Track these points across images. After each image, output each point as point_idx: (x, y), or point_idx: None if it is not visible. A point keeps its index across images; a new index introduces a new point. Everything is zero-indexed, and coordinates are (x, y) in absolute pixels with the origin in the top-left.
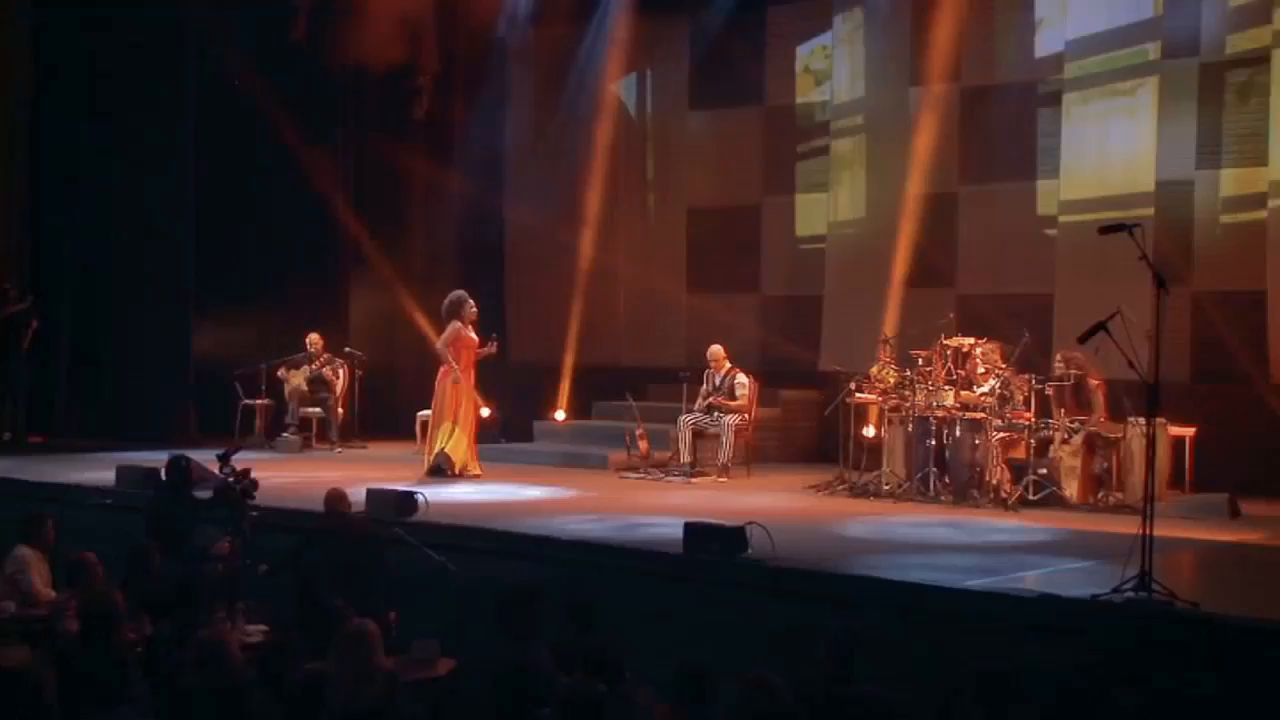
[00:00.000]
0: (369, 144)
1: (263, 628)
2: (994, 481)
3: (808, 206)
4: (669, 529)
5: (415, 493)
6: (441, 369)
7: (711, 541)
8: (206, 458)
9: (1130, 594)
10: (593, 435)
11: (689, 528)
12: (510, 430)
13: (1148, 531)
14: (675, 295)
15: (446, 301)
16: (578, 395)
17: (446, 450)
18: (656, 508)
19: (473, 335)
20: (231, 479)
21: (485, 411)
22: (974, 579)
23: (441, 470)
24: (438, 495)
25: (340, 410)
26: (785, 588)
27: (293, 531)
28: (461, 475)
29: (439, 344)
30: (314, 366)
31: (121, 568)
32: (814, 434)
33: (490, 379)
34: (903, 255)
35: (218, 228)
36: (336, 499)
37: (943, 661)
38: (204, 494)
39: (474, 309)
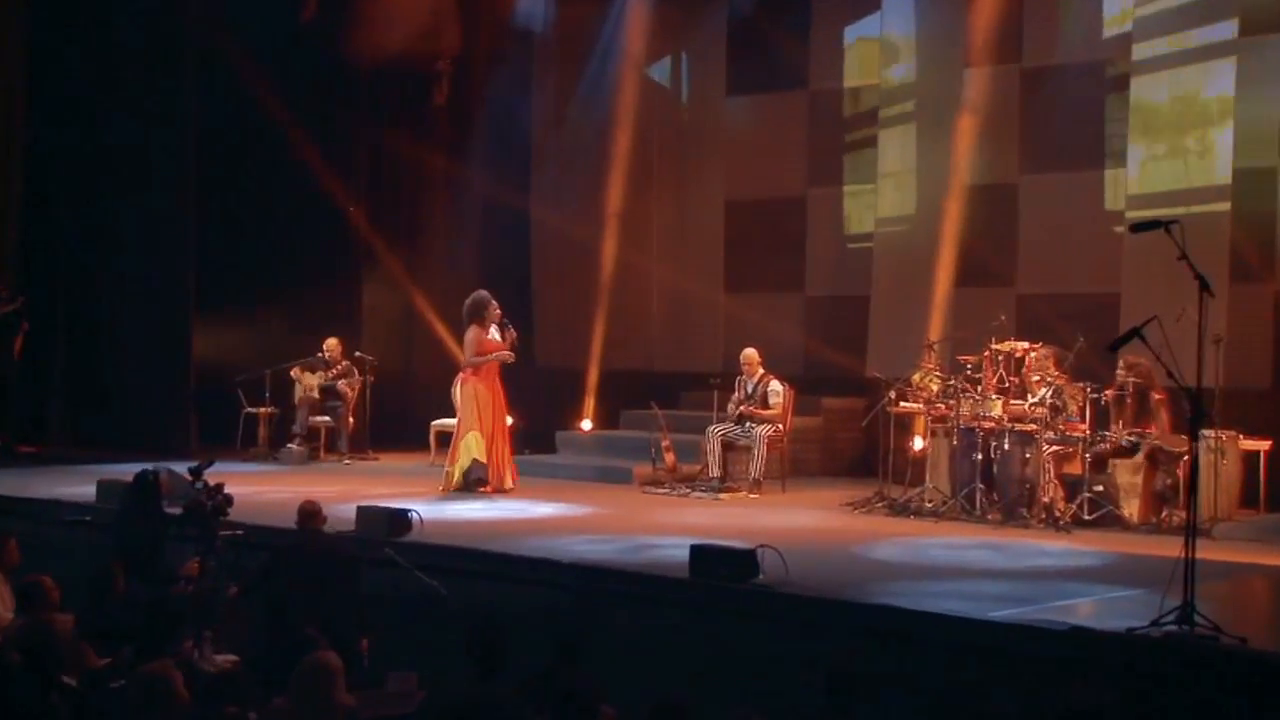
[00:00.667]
0: (384, 136)
1: (232, 658)
2: (1046, 499)
3: (856, 199)
4: (680, 551)
5: (408, 510)
6: (460, 374)
7: (719, 565)
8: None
9: (1171, 627)
10: (618, 447)
11: (696, 550)
12: (535, 440)
13: (1190, 556)
14: (711, 295)
15: (468, 303)
16: (607, 402)
17: (482, 460)
18: (673, 527)
19: (496, 338)
20: (203, 494)
21: (508, 420)
22: (1002, 609)
23: (480, 481)
24: (441, 513)
25: (351, 420)
26: (796, 616)
27: (266, 550)
28: (497, 491)
29: (467, 358)
30: (330, 374)
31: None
32: (859, 446)
33: (514, 385)
34: (956, 252)
35: (220, 226)
36: (309, 514)
37: (955, 700)
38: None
39: (498, 311)
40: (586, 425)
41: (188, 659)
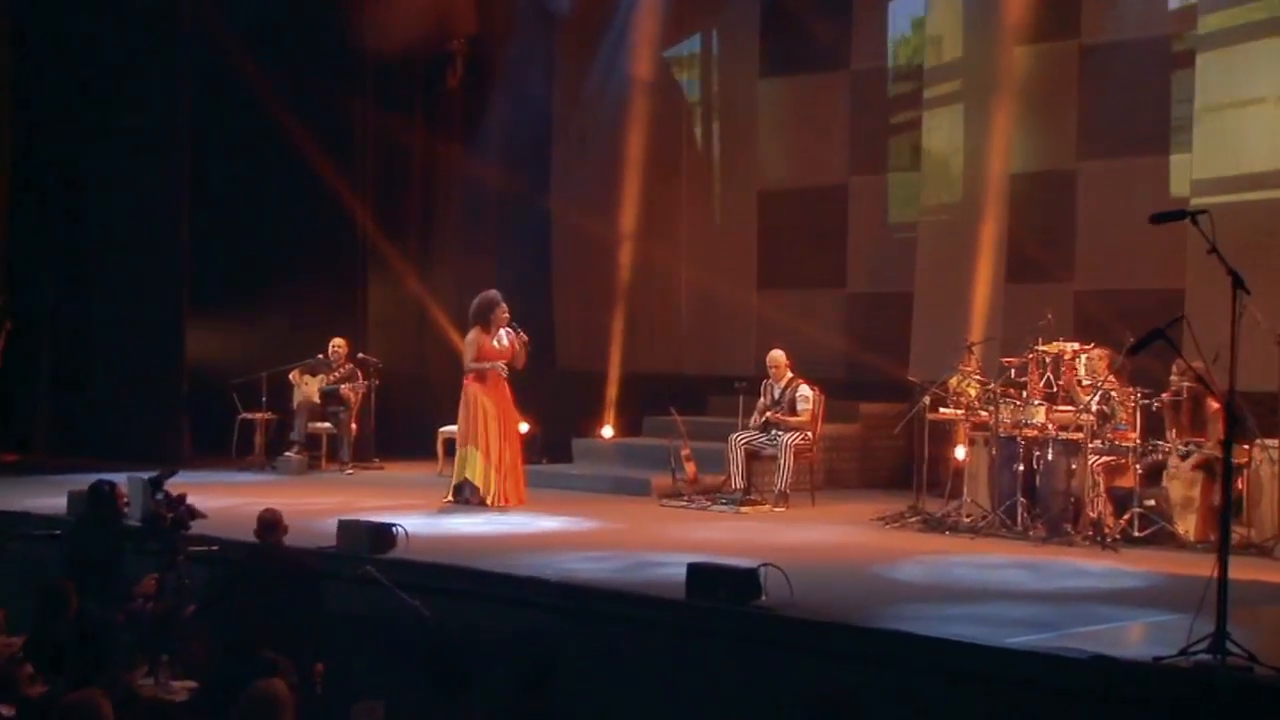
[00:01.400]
0: (392, 122)
1: (190, 684)
2: (1095, 515)
3: (902, 187)
4: (682, 570)
5: (393, 525)
6: (466, 378)
7: (718, 586)
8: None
9: (1202, 656)
10: (639, 456)
11: (693, 570)
12: (554, 449)
13: (1223, 577)
14: (743, 292)
15: (474, 303)
16: (631, 408)
17: (474, 481)
18: (683, 543)
19: (502, 343)
20: (164, 506)
21: (524, 427)
22: (1021, 634)
23: (463, 497)
24: (436, 527)
25: (354, 426)
26: (798, 641)
27: (225, 564)
28: (494, 506)
29: (467, 364)
30: (332, 377)
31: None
32: (900, 455)
33: (534, 390)
34: (1006, 244)
35: (215, 220)
36: (269, 524)
37: None
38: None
39: (505, 313)
40: (607, 433)
41: (128, 686)
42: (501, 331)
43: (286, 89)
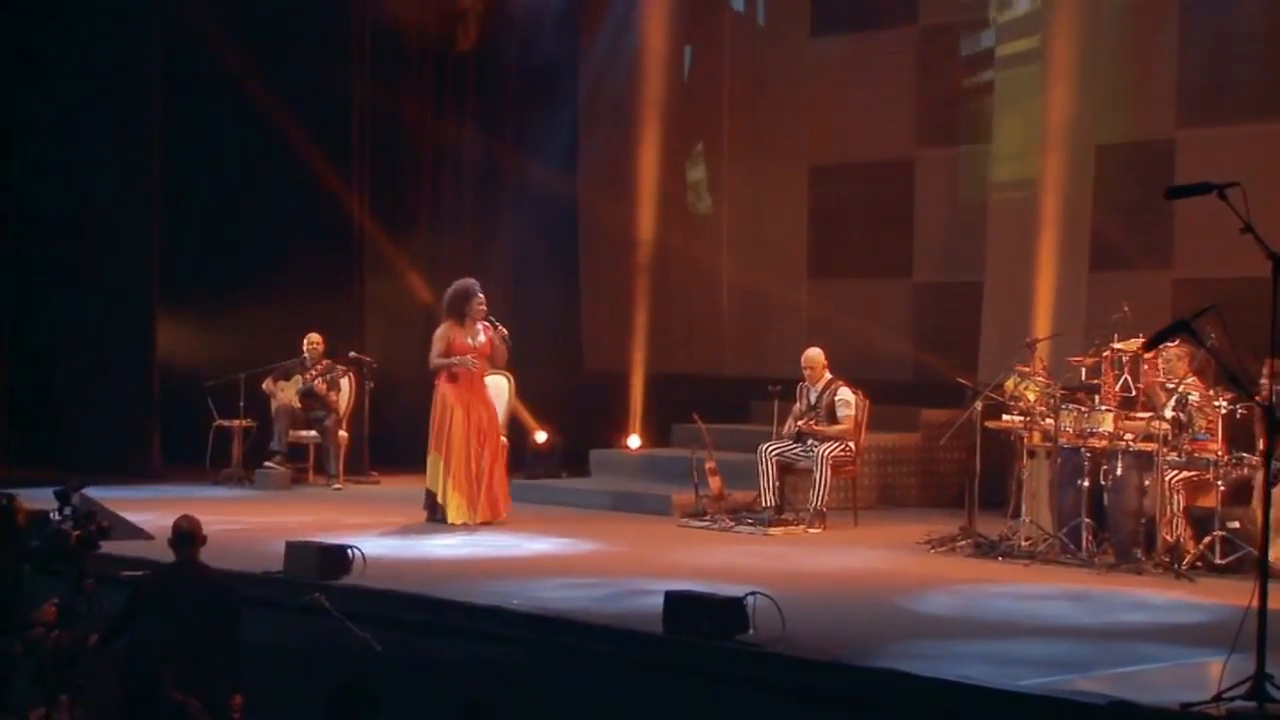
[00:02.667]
0: (392, 98)
1: None
2: (1171, 539)
3: (976, 162)
4: None
5: (348, 547)
6: (436, 379)
7: (700, 618)
8: (117, 496)
9: (1239, 702)
10: (662, 469)
11: (672, 599)
12: (577, 462)
13: (1264, 608)
14: (793, 283)
15: (447, 293)
16: (665, 414)
17: (433, 490)
18: (686, 569)
19: (478, 339)
20: (69, 523)
21: (541, 436)
22: (1040, 676)
23: (436, 515)
24: (406, 550)
25: (343, 433)
26: (784, 680)
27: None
28: (464, 525)
29: (432, 361)
30: (308, 377)
31: None
32: (968, 469)
33: (559, 395)
34: (1090, 226)
35: (189, 204)
36: (185, 536)
37: None
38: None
39: (482, 304)
40: (634, 443)
41: None
42: (479, 326)
43: (269, 56)
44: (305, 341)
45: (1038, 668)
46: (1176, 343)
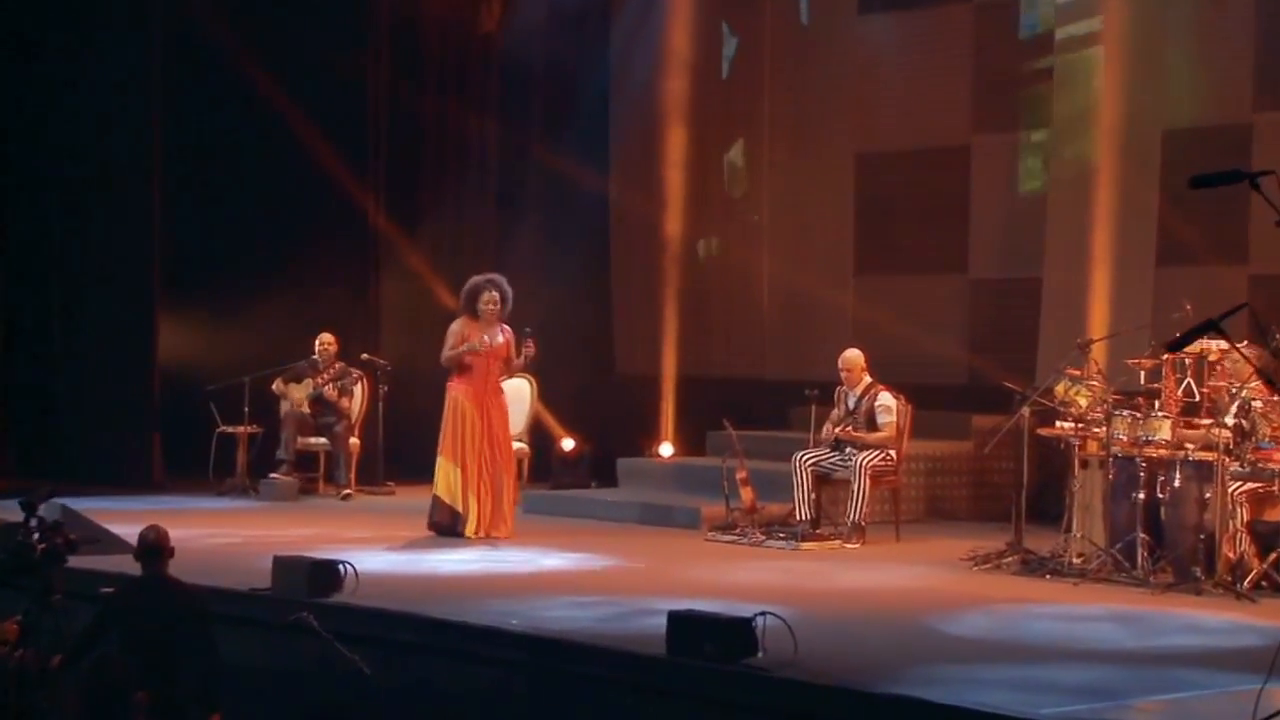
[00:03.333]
0: (411, 87)
1: None
2: (1235, 555)
3: (1036, 149)
4: None
5: (340, 563)
6: (449, 380)
7: (705, 640)
8: (112, 507)
9: None
10: (694, 479)
11: (675, 620)
12: (608, 472)
13: None
14: (838, 280)
15: (462, 290)
16: (701, 421)
17: (444, 498)
18: (706, 588)
19: (498, 340)
20: (33, 534)
21: (568, 444)
22: (1067, 704)
23: (442, 525)
24: (407, 565)
25: (355, 440)
26: (793, 707)
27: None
28: (474, 537)
29: (444, 355)
30: (319, 380)
31: None
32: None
33: (590, 401)
34: (1156, 218)
35: (193, 201)
36: (152, 548)
37: None
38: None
39: (493, 302)
40: (666, 450)
41: None
42: (499, 327)
43: (279, 45)
44: (317, 342)
45: (1066, 695)
46: (1247, 342)
